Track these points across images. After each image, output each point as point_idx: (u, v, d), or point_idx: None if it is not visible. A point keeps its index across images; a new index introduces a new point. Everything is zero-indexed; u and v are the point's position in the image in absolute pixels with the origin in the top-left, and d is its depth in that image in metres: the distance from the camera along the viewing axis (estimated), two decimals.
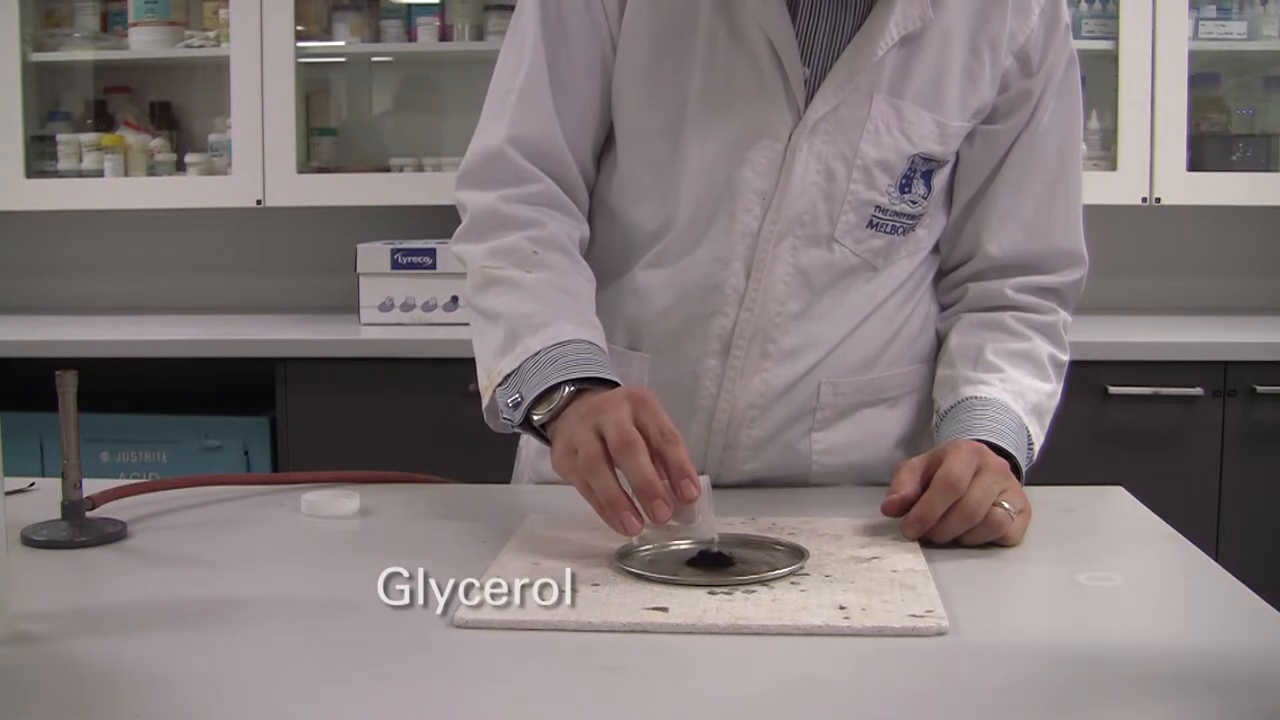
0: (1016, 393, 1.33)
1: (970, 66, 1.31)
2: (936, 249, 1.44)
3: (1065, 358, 1.41)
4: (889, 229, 1.34)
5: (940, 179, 1.35)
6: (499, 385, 1.24)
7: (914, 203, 1.33)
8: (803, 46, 1.28)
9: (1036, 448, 1.35)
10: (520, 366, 1.22)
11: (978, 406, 1.31)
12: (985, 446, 1.22)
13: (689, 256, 1.34)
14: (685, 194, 1.32)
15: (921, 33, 1.28)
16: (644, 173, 1.35)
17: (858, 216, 1.32)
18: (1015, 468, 1.27)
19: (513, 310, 1.25)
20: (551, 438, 1.18)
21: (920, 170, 1.32)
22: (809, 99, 1.29)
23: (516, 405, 1.21)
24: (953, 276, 1.45)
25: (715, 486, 1.14)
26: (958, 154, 1.37)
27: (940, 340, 1.46)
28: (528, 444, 1.53)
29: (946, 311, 1.46)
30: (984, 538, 1.17)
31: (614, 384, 1.18)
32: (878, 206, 1.32)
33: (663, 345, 1.38)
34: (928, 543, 1.19)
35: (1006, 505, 1.17)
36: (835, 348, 1.37)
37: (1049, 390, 1.37)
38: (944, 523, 1.16)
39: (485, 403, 1.28)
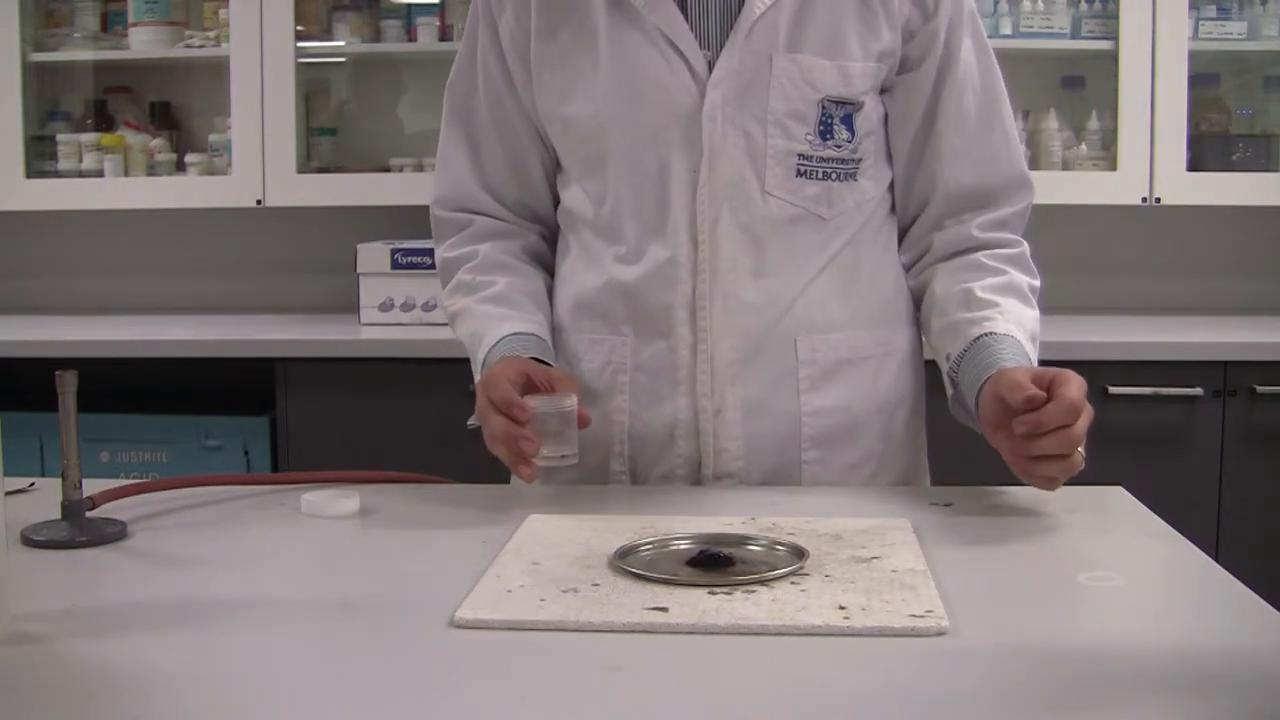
0: (1017, 322, 1.42)
1: (861, 13, 1.42)
2: (892, 210, 1.52)
3: (1037, 283, 1.50)
4: (820, 175, 1.44)
5: (863, 123, 1.44)
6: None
7: (839, 147, 1.44)
8: (697, 30, 1.42)
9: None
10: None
11: (994, 344, 1.38)
12: None
13: (641, 239, 1.46)
14: (621, 186, 1.46)
15: None
16: (583, 178, 1.50)
17: (784, 168, 1.43)
18: None
19: (469, 337, 1.53)
20: None
21: (837, 116, 1.43)
22: (711, 74, 1.41)
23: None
24: (915, 230, 1.53)
25: (715, 477, 1.38)
26: (886, 109, 1.47)
27: (918, 299, 1.54)
28: None
29: (915, 268, 1.54)
30: (1053, 471, 1.27)
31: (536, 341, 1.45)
32: (800, 155, 1.43)
33: (639, 325, 1.47)
34: (925, 542, 1.19)
35: (1082, 451, 1.26)
36: (797, 299, 1.45)
37: (1036, 316, 1.46)
38: (1044, 439, 1.25)
39: None
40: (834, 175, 1.44)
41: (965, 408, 1.42)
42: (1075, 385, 1.27)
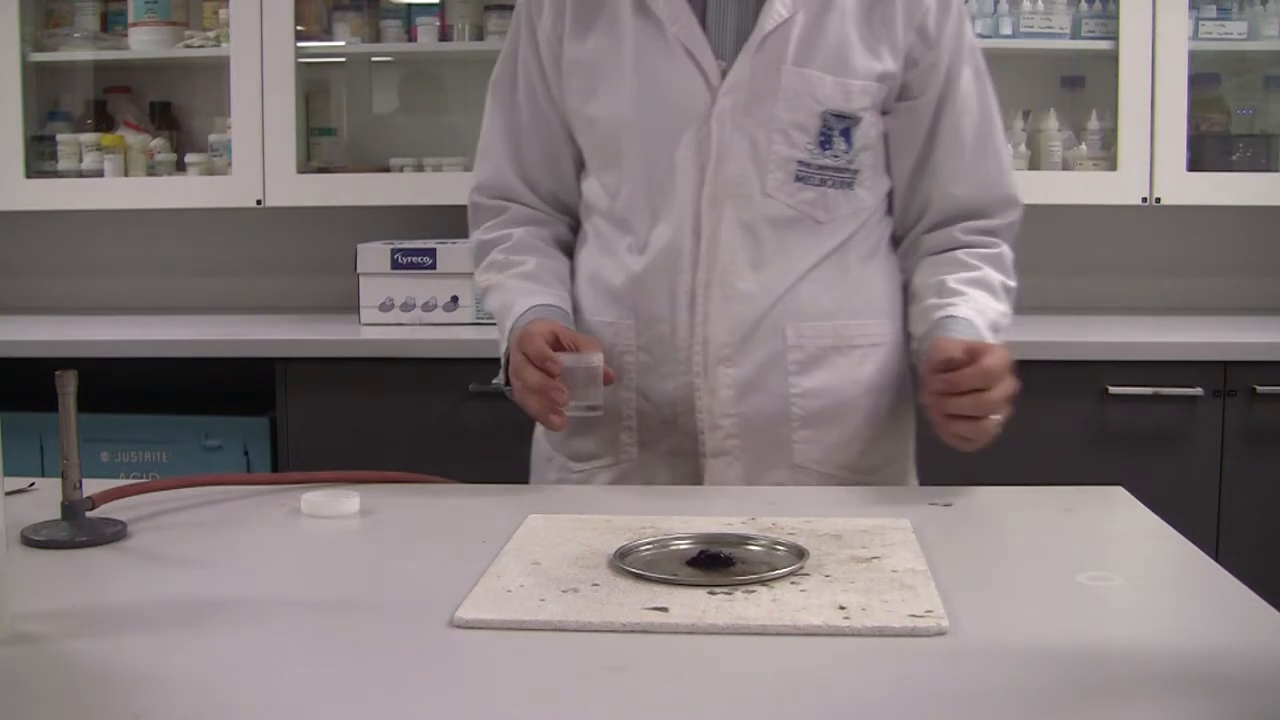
0: (978, 310, 1.52)
1: (866, 38, 1.53)
2: (889, 215, 1.62)
3: (1013, 284, 1.60)
4: (817, 181, 1.54)
5: (861, 137, 1.54)
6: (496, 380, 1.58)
7: (836, 157, 1.54)
8: (714, 41, 1.52)
9: None
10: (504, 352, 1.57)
11: (950, 324, 1.50)
12: None
13: (649, 231, 1.56)
14: (634, 181, 1.56)
15: (821, 12, 1.51)
16: (601, 172, 1.61)
17: (784, 173, 1.53)
18: None
19: (499, 309, 1.61)
20: None
21: (837, 128, 1.53)
22: (724, 81, 1.52)
23: (500, 380, 1.56)
24: (910, 236, 1.63)
25: (713, 455, 1.50)
26: (888, 130, 1.58)
27: (906, 293, 1.64)
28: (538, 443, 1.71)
29: (904, 266, 1.64)
30: (965, 431, 1.39)
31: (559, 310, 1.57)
32: (800, 162, 1.53)
33: (644, 309, 1.57)
34: (925, 542, 1.19)
35: (998, 418, 1.38)
36: (788, 291, 1.55)
37: (1002, 310, 1.56)
38: (958, 399, 1.37)
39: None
40: (830, 183, 1.54)
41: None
42: (997, 356, 1.39)
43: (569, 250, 1.69)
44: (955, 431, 1.40)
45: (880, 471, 1.60)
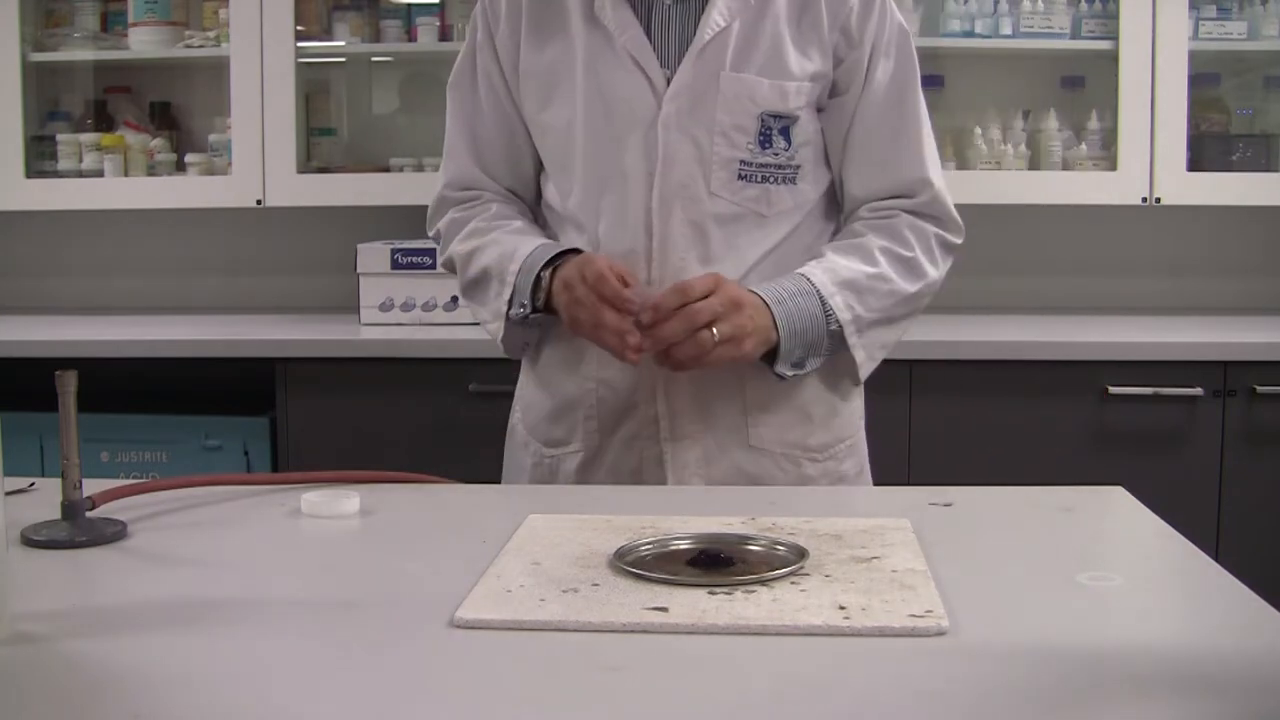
0: (827, 268, 1.58)
1: (797, 40, 1.60)
2: (832, 212, 1.68)
3: (905, 252, 1.62)
4: (759, 179, 1.60)
5: (799, 134, 1.61)
6: (509, 311, 1.61)
7: (776, 155, 1.60)
8: (659, 50, 1.59)
9: (854, 314, 1.57)
10: (515, 285, 1.60)
11: (776, 278, 1.57)
12: (747, 293, 1.52)
13: (605, 233, 1.61)
14: (587, 184, 1.62)
15: (756, 19, 1.58)
16: (556, 174, 1.66)
17: (727, 173, 1.59)
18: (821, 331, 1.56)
19: (493, 260, 1.63)
20: (559, 311, 1.58)
21: (775, 128, 1.60)
22: (668, 89, 1.58)
23: (526, 309, 1.59)
24: (842, 225, 1.69)
25: (674, 439, 1.59)
26: (822, 126, 1.63)
27: None
28: (511, 437, 1.76)
29: None
30: (687, 353, 1.48)
31: (576, 250, 1.60)
32: (742, 161, 1.59)
33: None
34: (925, 542, 1.19)
35: (716, 331, 1.47)
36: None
37: (871, 272, 1.60)
38: (669, 322, 1.48)
39: (500, 337, 1.64)
40: (772, 179, 1.61)
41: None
42: (695, 278, 1.51)
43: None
44: (676, 356, 1.49)
45: (831, 449, 1.65)
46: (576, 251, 1.59)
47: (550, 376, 1.68)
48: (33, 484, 1.42)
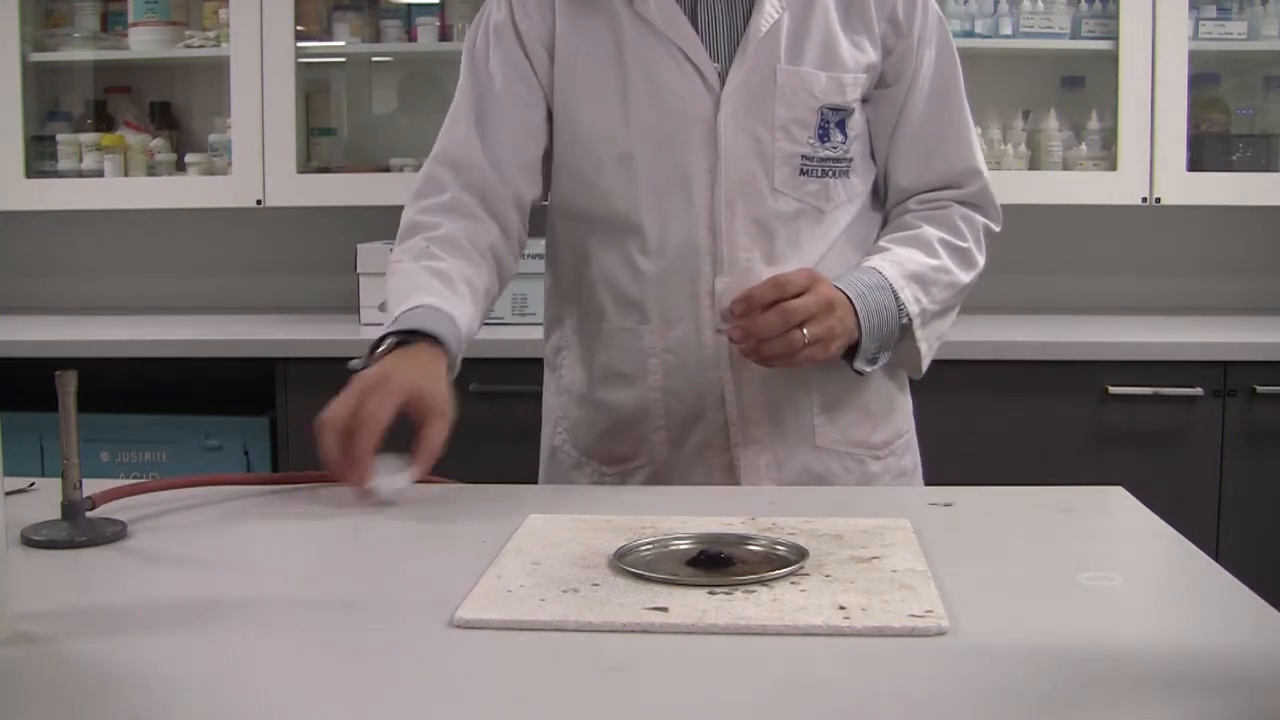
0: (894, 261, 1.56)
1: (847, 31, 1.58)
2: (877, 204, 1.66)
3: (961, 243, 1.62)
4: (819, 173, 1.58)
5: (853, 127, 1.60)
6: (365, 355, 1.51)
7: (834, 148, 1.59)
8: (708, 44, 1.55)
9: (920, 308, 1.56)
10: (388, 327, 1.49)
11: (853, 273, 1.54)
12: (836, 290, 1.49)
13: (664, 234, 1.57)
14: (641, 184, 1.57)
15: (805, 11, 1.56)
16: (597, 176, 1.59)
17: (789, 168, 1.57)
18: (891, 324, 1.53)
19: (396, 291, 1.53)
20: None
21: (833, 120, 1.58)
22: (723, 85, 1.55)
23: (360, 365, 1.48)
24: (888, 216, 1.68)
25: (744, 445, 1.56)
26: (869, 118, 1.62)
27: None
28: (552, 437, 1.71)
29: None
30: (776, 350, 1.44)
31: (438, 337, 1.44)
32: (803, 156, 1.57)
33: (665, 313, 1.59)
34: (925, 542, 1.19)
35: (807, 332, 1.44)
36: None
37: (934, 264, 1.58)
38: (764, 316, 1.43)
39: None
40: (830, 173, 1.59)
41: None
42: (793, 273, 1.47)
43: (500, 259, 1.61)
44: (764, 352, 1.45)
45: (891, 445, 1.65)
46: (432, 338, 1.44)
47: (603, 391, 1.63)
48: (33, 484, 1.42)
